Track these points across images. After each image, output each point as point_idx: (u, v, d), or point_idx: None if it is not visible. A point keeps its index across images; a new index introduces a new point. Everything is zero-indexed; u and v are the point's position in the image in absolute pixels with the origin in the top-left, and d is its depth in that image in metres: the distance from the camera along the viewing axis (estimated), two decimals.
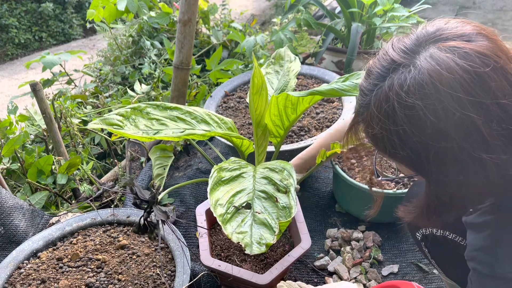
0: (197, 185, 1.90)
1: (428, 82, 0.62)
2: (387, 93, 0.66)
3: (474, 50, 0.62)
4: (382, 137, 0.69)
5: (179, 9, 1.81)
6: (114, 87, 2.66)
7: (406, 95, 0.63)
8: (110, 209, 1.50)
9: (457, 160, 0.63)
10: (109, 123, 1.10)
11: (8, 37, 5.27)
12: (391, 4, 2.29)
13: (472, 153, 0.62)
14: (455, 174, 0.65)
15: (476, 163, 0.63)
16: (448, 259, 0.97)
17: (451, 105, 0.60)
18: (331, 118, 1.79)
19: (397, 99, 0.64)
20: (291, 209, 1.03)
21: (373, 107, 0.68)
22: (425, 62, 0.63)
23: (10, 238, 1.53)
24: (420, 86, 0.62)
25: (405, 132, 0.65)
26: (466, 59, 0.61)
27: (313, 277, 1.48)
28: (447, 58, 0.62)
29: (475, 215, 0.77)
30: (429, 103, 0.61)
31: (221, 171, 1.14)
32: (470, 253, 0.76)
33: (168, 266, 1.29)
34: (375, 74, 0.70)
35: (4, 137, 1.86)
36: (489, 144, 0.61)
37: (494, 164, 0.62)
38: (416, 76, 0.63)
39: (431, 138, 0.63)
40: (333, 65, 2.72)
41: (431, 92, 0.61)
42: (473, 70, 0.60)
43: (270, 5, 5.87)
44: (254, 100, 1.26)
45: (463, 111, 0.60)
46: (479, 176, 0.64)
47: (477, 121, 0.60)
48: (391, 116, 0.65)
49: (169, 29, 2.88)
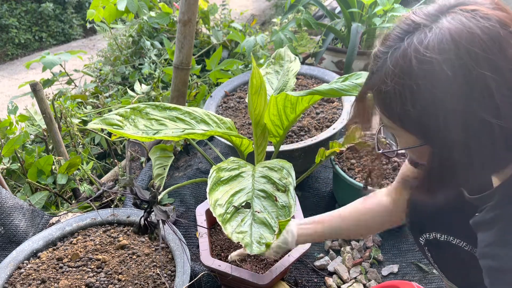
0: (197, 185, 1.90)
1: (448, 38, 0.63)
2: (405, 49, 0.66)
3: (495, 15, 0.63)
4: (394, 94, 0.68)
5: (179, 9, 1.81)
6: (114, 87, 2.66)
7: (424, 49, 0.64)
8: (110, 209, 1.50)
9: (466, 122, 0.63)
10: (109, 123, 1.10)
11: (8, 37, 5.27)
12: (391, 4, 2.29)
13: (481, 116, 0.62)
14: (462, 138, 0.64)
15: (484, 128, 0.63)
16: (452, 264, 0.96)
17: (468, 62, 0.61)
18: (331, 118, 1.79)
19: (415, 54, 0.64)
20: (290, 208, 1.03)
21: (389, 64, 0.68)
22: (447, 23, 0.64)
23: (10, 238, 1.54)
24: (440, 42, 0.63)
25: (418, 86, 0.64)
26: (487, 21, 0.63)
27: (313, 277, 1.48)
28: (468, 19, 0.63)
29: (482, 213, 0.76)
30: (447, 58, 0.62)
31: (220, 171, 1.14)
32: (482, 249, 0.74)
33: (168, 266, 1.29)
34: (393, 37, 0.70)
35: (4, 137, 1.86)
36: (499, 110, 0.61)
37: (501, 133, 0.62)
38: (437, 33, 0.64)
39: (443, 95, 0.63)
40: (333, 65, 2.72)
41: (450, 47, 0.62)
42: (492, 32, 0.62)
43: (270, 5, 5.87)
44: (253, 100, 1.26)
45: (479, 69, 0.60)
46: (485, 143, 0.64)
47: (491, 83, 0.61)
48: (407, 71, 0.65)
49: (169, 29, 2.89)
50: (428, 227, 0.96)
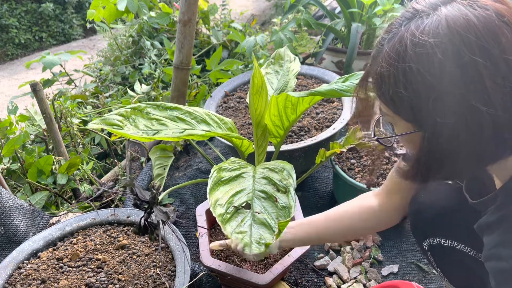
0: (197, 185, 1.90)
1: (444, 24, 0.64)
2: (402, 34, 0.68)
3: (493, 6, 0.65)
4: (388, 76, 0.69)
5: (179, 9, 1.81)
6: (114, 87, 2.66)
7: (420, 34, 0.65)
8: (110, 209, 1.50)
9: (455, 107, 0.64)
10: (109, 123, 1.10)
11: (8, 37, 5.27)
12: (391, 4, 2.29)
13: (471, 102, 0.62)
14: (450, 123, 0.65)
15: (473, 115, 0.63)
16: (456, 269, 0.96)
17: (461, 47, 0.62)
18: (331, 118, 1.79)
19: (411, 38, 0.66)
20: (290, 209, 1.03)
21: (386, 48, 0.70)
22: (445, 10, 0.66)
23: (10, 238, 1.54)
24: (436, 27, 0.64)
25: (411, 69, 0.65)
26: (484, 10, 0.64)
27: (313, 277, 1.48)
28: (466, 7, 0.65)
29: (486, 216, 0.76)
30: (440, 41, 0.63)
31: (221, 171, 1.14)
32: (488, 252, 0.74)
33: (168, 266, 1.29)
34: (394, 24, 0.72)
35: (4, 137, 1.86)
36: (490, 98, 0.62)
37: (490, 121, 0.63)
38: (434, 20, 0.65)
39: (435, 79, 0.64)
40: (333, 65, 2.72)
41: (445, 32, 0.63)
42: (487, 20, 0.63)
43: (270, 5, 5.87)
44: (254, 100, 1.26)
45: (471, 55, 0.61)
46: (473, 131, 0.64)
47: (482, 70, 0.61)
48: (402, 54, 0.67)
49: (169, 29, 2.88)
50: (432, 232, 0.96)
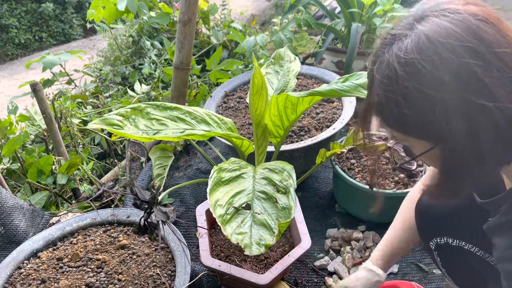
0: (197, 185, 1.90)
1: (423, 39, 0.65)
2: (388, 59, 0.68)
3: (464, 8, 0.66)
4: (387, 102, 0.69)
5: (179, 9, 1.81)
6: (114, 87, 2.66)
7: (404, 54, 0.66)
8: (110, 209, 1.50)
9: (463, 112, 0.63)
10: (109, 123, 1.10)
11: (8, 37, 5.27)
12: (391, 4, 2.28)
13: (477, 102, 0.62)
14: (465, 128, 0.64)
15: (483, 114, 0.63)
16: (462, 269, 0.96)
17: (446, 54, 0.63)
18: (331, 118, 1.79)
19: (397, 60, 0.67)
20: (290, 210, 1.03)
21: (377, 77, 0.70)
22: (421, 27, 0.67)
23: (10, 238, 1.54)
24: (417, 44, 0.66)
25: (407, 89, 0.66)
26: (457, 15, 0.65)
27: (313, 277, 1.48)
28: (439, 18, 0.66)
29: (496, 217, 0.76)
30: (425, 55, 0.64)
31: (221, 171, 1.14)
32: (501, 253, 0.74)
33: (168, 266, 1.29)
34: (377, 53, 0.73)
35: (4, 137, 1.86)
36: (492, 93, 0.62)
37: (501, 114, 0.62)
38: (413, 38, 0.66)
39: (433, 91, 0.64)
40: (333, 65, 2.72)
41: (427, 45, 0.64)
42: (464, 22, 0.64)
43: (270, 5, 5.87)
44: (254, 100, 1.26)
45: (459, 58, 0.62)
46: (488, 128, 0.64)
47: (476, 68, 0.62)
48: (394, 78, 0.67)
49: (169, 29, 2.88)
50: (440, 231, 0.95)
